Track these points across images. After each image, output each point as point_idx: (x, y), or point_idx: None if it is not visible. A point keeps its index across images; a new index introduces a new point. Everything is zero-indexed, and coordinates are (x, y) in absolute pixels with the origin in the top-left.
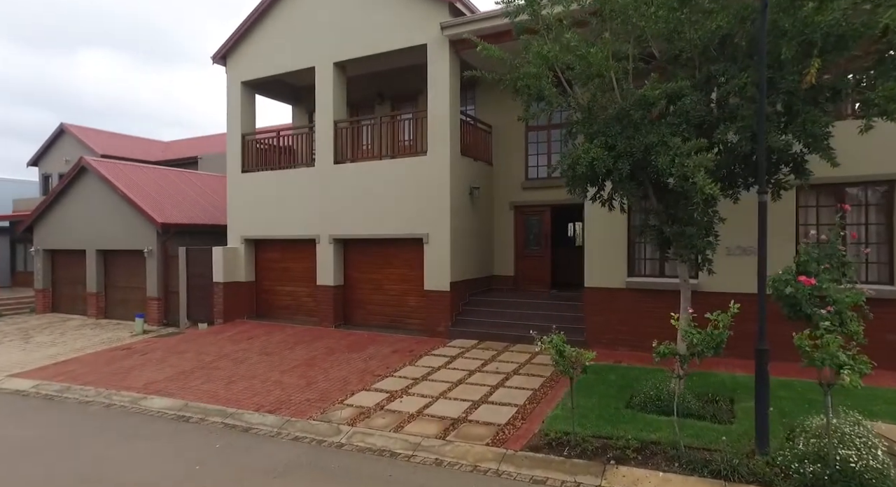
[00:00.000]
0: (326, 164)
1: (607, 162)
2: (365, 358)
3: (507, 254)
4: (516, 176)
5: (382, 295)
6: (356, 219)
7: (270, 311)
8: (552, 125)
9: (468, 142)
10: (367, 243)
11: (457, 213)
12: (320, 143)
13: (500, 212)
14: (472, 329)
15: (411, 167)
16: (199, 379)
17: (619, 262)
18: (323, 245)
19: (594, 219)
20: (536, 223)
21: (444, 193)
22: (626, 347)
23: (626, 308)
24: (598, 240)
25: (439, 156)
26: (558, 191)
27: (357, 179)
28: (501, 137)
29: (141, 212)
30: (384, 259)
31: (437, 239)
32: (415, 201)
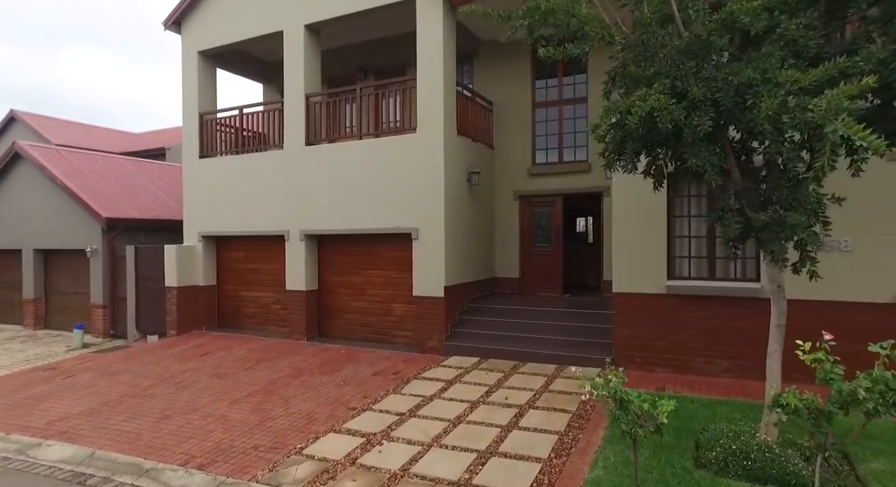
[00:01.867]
0: (297, 146)
1: (675, 114)
2: (339, 382)
3: (511, 253)
4: (522, 160)
5: (364, 302)
6: (332, 210)
7: (235, 320)
8: (564, 100)
9: (466, 120)
10: (346, 240)
11: (452, 204)
12: (290, 122)
13: (503, 203)
14: (472, 343)
15: (398, 148)
16: (123, 414)
17: (656, 261)
18: (293, 242)
19: (624, 207)
20: (545, 215)
21: (437, 179)
22: (667, 368)
23: (665, 318)
24: (629, 234)
25: (431, 133)
26: (572, 178)
27: (333, 163)
28: (504, 116)
29: (83, 205)
30: (366, 258)
31: (429, 234)
32: (402, 189)
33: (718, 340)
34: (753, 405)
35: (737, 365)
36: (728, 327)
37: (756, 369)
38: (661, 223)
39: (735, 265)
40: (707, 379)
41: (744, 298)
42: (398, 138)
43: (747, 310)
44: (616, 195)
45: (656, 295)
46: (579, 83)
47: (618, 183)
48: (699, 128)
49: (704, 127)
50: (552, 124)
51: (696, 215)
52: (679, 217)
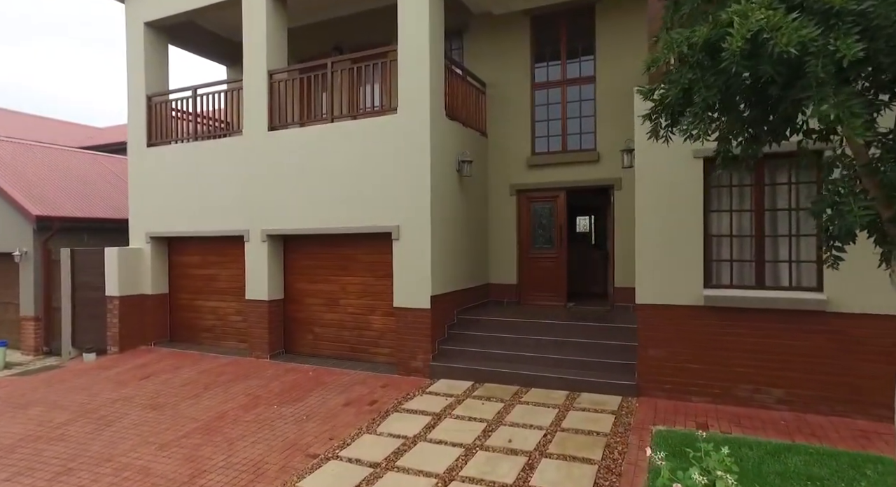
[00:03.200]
0: (258, 132)
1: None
2: (301, 415)
3: (507, 255)
4: (519, 149)
5: (337, 314)
6: (299, 206)
7: (189, 335)
8: (568, 80)
9: (456, 100)
10: (316, 241)
11: (440, 198)
12: (250, 104)
13: (498, 199)
14: (464, 363)
15: (376, 132)
16: (10, 469)
17: (689, 266)
18: (253, 243)
19: (649, 200)
20: (547, 213)
21: (421, 168)
22: (705, 397)
23: (702, 336)
24: (655, 233)
25: (415, 114)
26: (577, 169)
27: (300, 151)
28: (499, 99)
29: (9, 201)
30: (339, 263)
31: (413, 233)
32: (381, 180)
33: (770, 363)
34: (831, 452)
35: (794, 395)
36: (782, 347)
37: (820, 400)
38: (697, 219)
39: (791, 271)
40: (757, 412)
41: (802, 312)
42: (376, 121)
43: (807, 327)
44: (640, 185)
45: (690, 308)
46: (586, 60)
47: (641, 168)
48: (844, 53)
49: (853, 51)
50: (554, 108)
51: (740, 209)
52: (717, 212)
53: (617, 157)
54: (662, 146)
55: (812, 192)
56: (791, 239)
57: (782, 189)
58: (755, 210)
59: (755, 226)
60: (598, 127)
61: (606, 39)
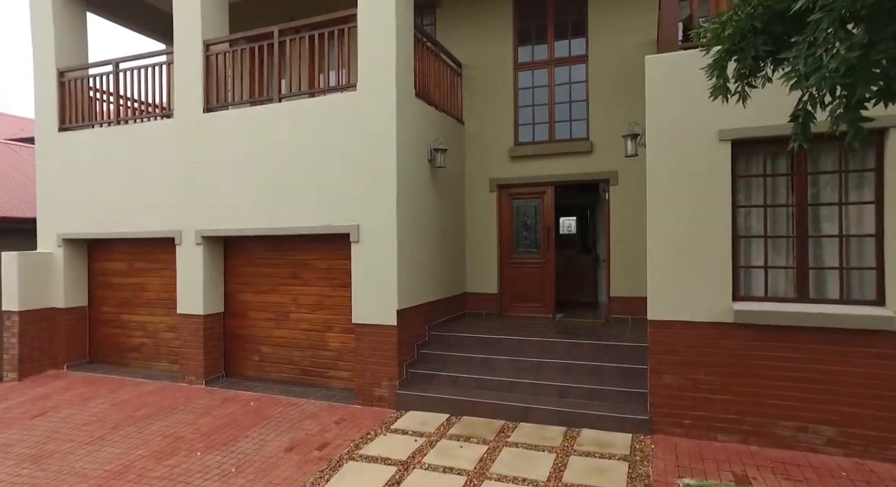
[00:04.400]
0: (192, 114)
1: None
2: (230, 466)
3: (487, 261)
4: (501, 139)
5: (287, 330)
6: (241, 202)
7: (114, 355)
8: (556, 60)
9: (428, 79)
10: (262, 243)
11: (408, 192)
12: (182, 80)
13: (477, 195)
14: (437, 391)
15: (332, 113)
16: None
17: (714, 273)
18: (186, 247)
19: (663, 191)
20: (532, 211)
21: (386, 155)
22: (735, 435)
23: (731, 360)
24: (669, 233)
25: (379, 92)
26: (567, 161)
27: (243, 136)
28: (477, 81)
29: None
30: (290, 269)
31: (375, 235)
32: (338, 170)
33: (818, 395)
34: None
35: (850, 435)
36: (833, 375)
37: (884, 444)
38: (723, 217)
39: (842, 280)
40: (805, 456)
41: (859, 332)
42: (333, 99)
43: (865, 350)
44: (652, 176)
45: (716, 325)
46: (576, 37)
47: (653, 156)
48: None
49: None
50: (541, 92)
51: (777, 203)
52: (748, 207)
53: (613, 147)
54: (680, 128)
55: (868, 182)
56: (842, 240)
57: (829, 179)
58: (796, 205)
59: (796, 225)
60: (590, 113)
61: (600, 12)
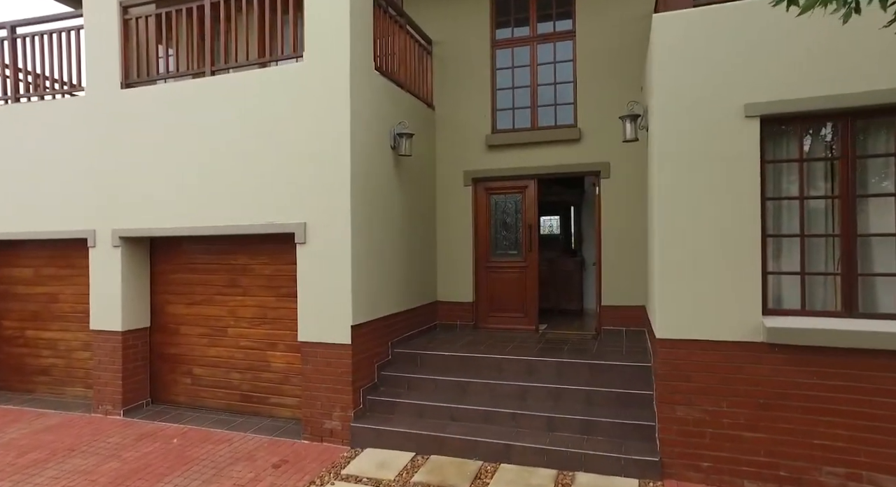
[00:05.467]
0: (107, 89)
1: None
2: None
3: (461, 265)
4: (476, 126)
5: (225, 348)
6: (170, 196)
7: (18, 379)
8: (539, 37)
9: (391, 54)
10: (195, 245)
11: (366, 184)
12: (95, 48)
13: (449, 190)
14: (400, 424)
15: (275, 88)
16: None
17: (740, 282)
18: (101, 250)
19: (673, 180)
20: (512, 208)
21: (338, 139)
22: (769, 483)
23: (763, 389)
24: (683, 232)
25: (330, 62)
26: (552, 151)
27: (169, 116)
28: (449, 60)
29: None
30: (228, 276)
31: (326, 235)
32: (282, 157)
33: (876, 435)
34: None
35: None
36: (892, 409)
37: None
38: (750, 211)
39: None
40: None
41: None
42: (277, 72)
43: None
44: (659, 163)
45: (743, 345)
46: (562, 10)
47: (660, 139)
48: None
49: None
50: (522, 73)
51: (817, 194)
52: (780, 200)
53: (604, 135)
54: (695, 103)
55: None
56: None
57: (883, 164)
58: (842, 196)
59: (842, 222)
60: (578, 96)
61: None
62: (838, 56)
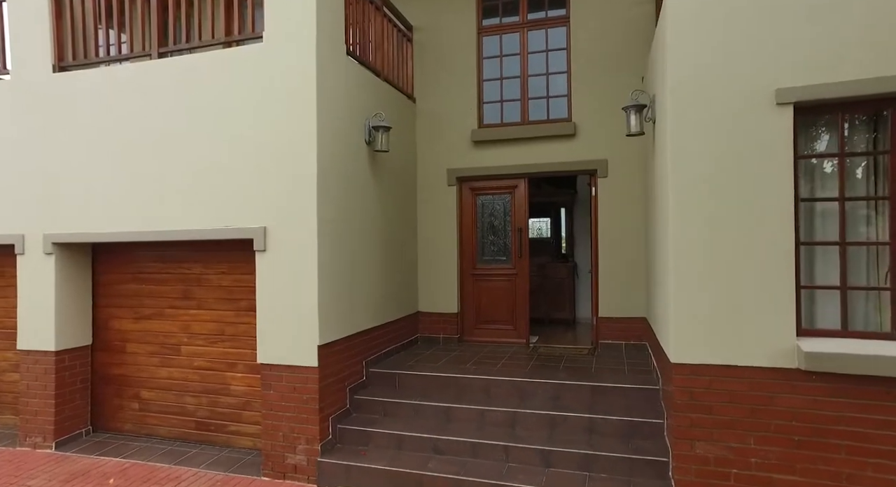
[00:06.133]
0: (36, 72)
1: None
2: None
3: (445, 272)
4: (461, 120)
5: (177, 369)
6: (112, 196)
7: None
8: (529, 23)
9: (366, 39)
10: (144, 252)
11: (336, 183)
12: (19, 25)
13: (432, 190)
14: (374, 459)
15: (231, 72)
16: None
17: (770, 299)
18: (32, 257)
19: (690, 179)
20: (501, 210)
21: (303, 131)
22: None
23: (796, 423)
24: (702, 240)
25: (293, 42)
26: (544, 147)
27: (111, 104)
28: (432, 49)
29: None
30: (182, 286)
31: (289, 240)
32: (239, 153)
33: None
34: None
35: None
36: None
37: None
38: (781, 215)
39: None
40: None
41: None
42: (231, 54)
43: None
44: (673, 160)
45: (773, 372)
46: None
47: (675, 132)
48: None
49: None
50: (511, 62)
51: (858, 195)
52: (814, 201)
53: (601, 130)
54: (715, 89)
55: None
56: None
57: None
58: (892, 197)
59: (891, 227)
60: (573, 88)
61: None
62: (891, 30)
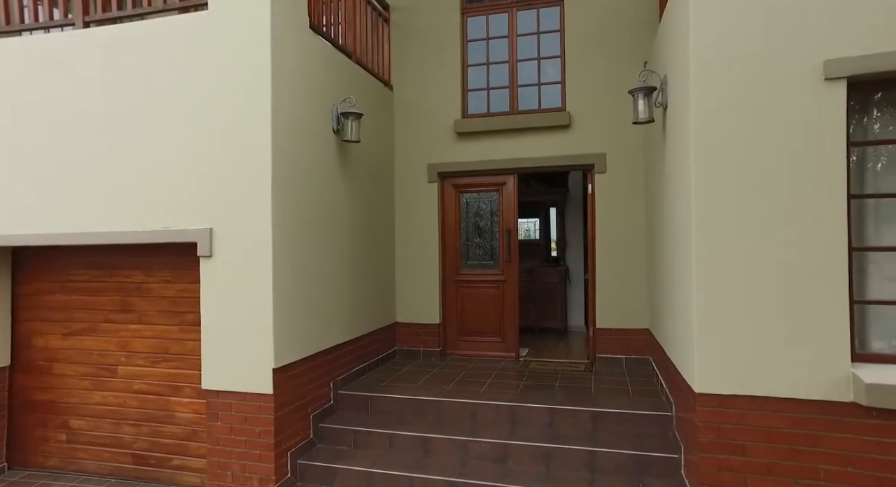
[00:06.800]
0: None
1: None
2: None
3: (425, 279)
4: (443, 109)
5: (114, 392)
6: (31, 193)
7: None
8: (518, 2)
9: (334, 13)
10: (74, 258)
11: (296, 177)
12: None
13: (411, 186)
14: None
15: (170, 44)
16: None
17: (817, 314)
18: None
19: (717, 172)
20: (487, 209)
21: (254, 114)
22: None
23: (852, 467)
24: (729, 247)
25: (243, 10)
26: (536, 140)
27: (22, 83)
28: (411, 31)
29: None
30: (119, 297)
31: (239, 244)
32: (181, 141)
33: None
34: None
35: None
36: None
37: None
38: (831, 212)
39: None
40: None
41: None
42: (167, 23)
43: None
44: (697, 145)
45: (821, 406)
46: None
47: (699, 108)
48: None
49: None
50: (499, 45)
51: None
52: (868, 197)
53: (598, 121)
54: (749, 63)
55: None
56: None
57: None
58: None
59: None
60: (567, 74)
61: None
62: None
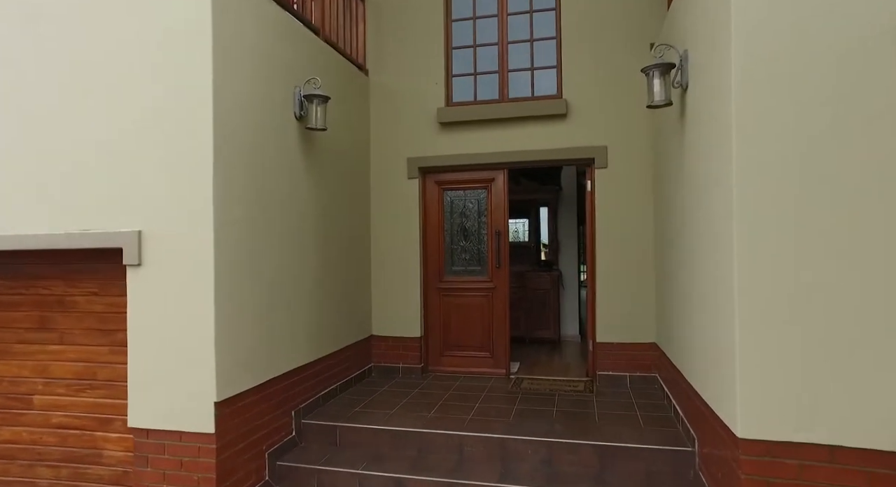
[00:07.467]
0: None
1: None
2: None
3: (404, 287)
4: (424, 97)
5: (28, 427)
6: None
7: None
8: None
9: None
10: None
11: (245, 169)
12: None
13: (388, 183)
14: None
15: (87, 11)
16: None
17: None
18: None
19: (765, 163)
20: (474, 209)
21: (193, 96)
22: None
23: None
24: (780, 253)
25: None
26: (529, 130)
27: None
28: (389, 10)
29: None
30: (36, 312)
31: (173, 250)
32: (101, 127)
33: None
34: None
35: None
36: None
37: None
38: None
39: None
40: None
41: None
42: None
43: None
44: (739, 129)
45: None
46: None
47: (741, 86)
48: None
49: None
50: (487, 26)
51: None
52: None
53: (599, 110)
54: (810, 25)
55: None
56: None
57: None
58: None
59: None
60: (564, 57)
61: None
62: None
